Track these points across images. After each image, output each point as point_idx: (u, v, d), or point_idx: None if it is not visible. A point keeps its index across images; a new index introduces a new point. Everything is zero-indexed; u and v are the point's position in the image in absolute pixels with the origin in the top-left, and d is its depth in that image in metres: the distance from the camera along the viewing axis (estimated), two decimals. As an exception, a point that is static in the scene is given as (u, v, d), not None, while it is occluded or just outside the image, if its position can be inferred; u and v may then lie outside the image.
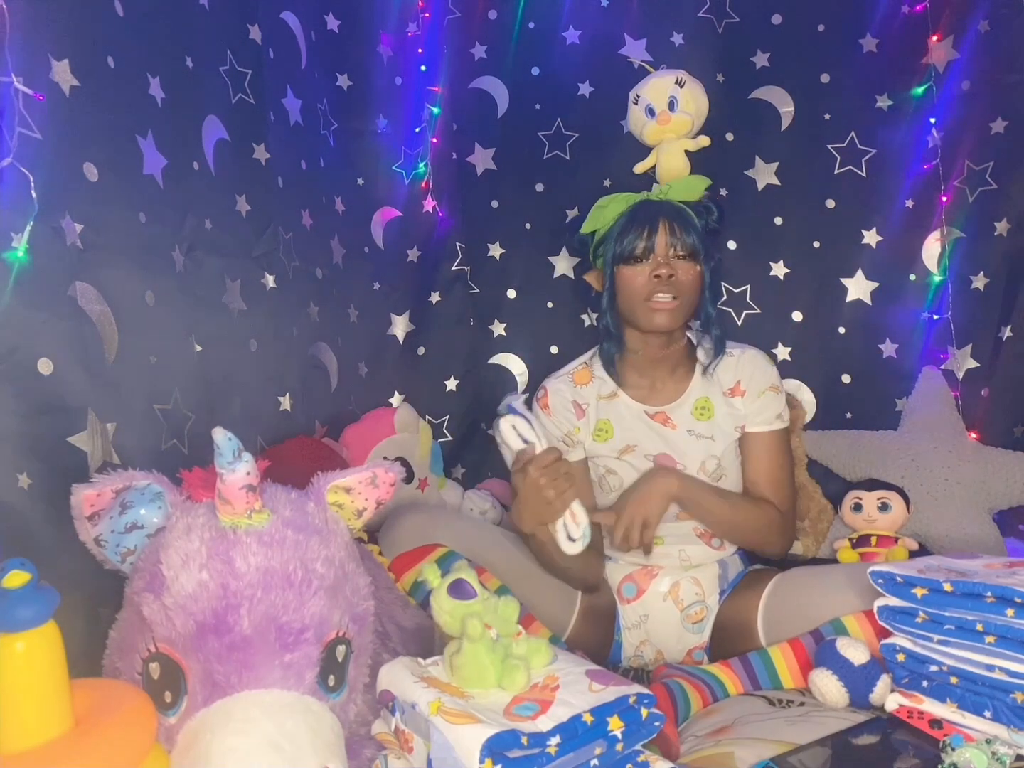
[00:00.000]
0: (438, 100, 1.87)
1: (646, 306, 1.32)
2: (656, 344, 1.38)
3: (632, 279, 1.33)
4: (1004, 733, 0.87)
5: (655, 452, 1.38)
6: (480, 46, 1.86)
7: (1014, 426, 1.66)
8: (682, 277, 1.32)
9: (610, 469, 1.40)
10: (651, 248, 1.31)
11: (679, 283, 1.32)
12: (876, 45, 1.71)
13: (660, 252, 1.32)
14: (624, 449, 1.39)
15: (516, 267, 1.91)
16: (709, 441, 1.37)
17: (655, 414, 1.39)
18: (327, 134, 1.64)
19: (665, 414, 1.39)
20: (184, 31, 1.17)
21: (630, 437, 1.39)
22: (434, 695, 0.81)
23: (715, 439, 1.37)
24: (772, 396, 1.39)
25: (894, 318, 1.76)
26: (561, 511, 1.16)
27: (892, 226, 1.74)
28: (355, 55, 1.72)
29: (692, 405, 1.39)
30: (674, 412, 1.39)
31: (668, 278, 1.31)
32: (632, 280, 1.33)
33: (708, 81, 1.65)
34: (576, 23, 1.82)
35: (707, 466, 1.37)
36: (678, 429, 1.38)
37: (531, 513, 1.17)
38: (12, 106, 0.84)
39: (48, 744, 0.66)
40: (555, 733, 0.77)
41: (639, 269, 1.32)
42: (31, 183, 0.86)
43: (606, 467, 1.40)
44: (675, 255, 1.32)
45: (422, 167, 1.86)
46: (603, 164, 1.81)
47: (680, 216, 1.33)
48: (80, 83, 0.93)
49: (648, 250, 1.31)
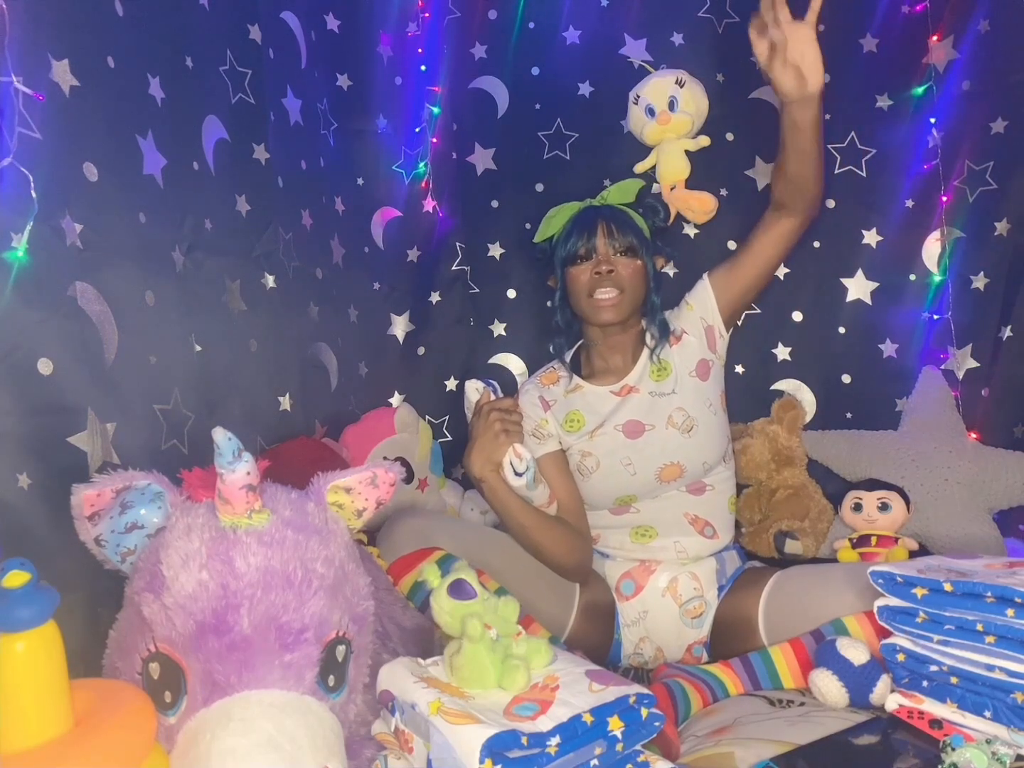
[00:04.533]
0: (438, 100, 1.87)
1: (591, 302, 1.42)
2: (611, 332, 1.47)
3: (577, 277, 1.43)
4: (1004, 733, 0.87)
5: (622, 421, 1.44)
6: (480, 46, 1.86)
7: (1014, 426, 1.66)
8: (623, 271, 1.42)
9: (585, 452, 1.44)
10: (593, 248, 1.42)
11: (620, 277, 1.41)
12: (876, 45, 1.71)
13: (601, 251, 1.41)
14: (594, 430, 1.45)
15: (516, 267, 1.91)
16: (670, 396, 1.44)
17: (620, 389, 1.47)
18: (327, 134, 1.64)
19: (628, 385, 1.47)
20: (184, 31, 1.17)
21: (598, 419, 1.45)
22: (434, 695, 0.81)
23: (675, 391, 1.44)
24: (698, 284, 1.50)
25: (894, 318, 1.76)
26: (506, 445, 1.29)
27: (892, 226, 1.74)
28: (355, 55, 1.72)
29: (648, 370, 1.47)
30: (635, 381, 1.47)
31: (608, 273, 1.40)
32: (577, 278, 1.43)
33: (708, 81, 1.65)
34: (576, 23, 1.82)
35: (675, 419, 1.42)
36: (642, 392, 1.45)
37: (480, 451, 1.29)
38: (12, 106, 0.84)
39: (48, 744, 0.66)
40: (555, 733, 0.77)
41: (583, 268, 1.43)
42: (31, 183, 0.86)
43: (581, 451, 1.45)
44: (615, 252, 1.42)
45: (422, 167, 1.86)
46: (603, 164, 1.81)
47: (617, 217, 1.44)
48: (80, 83, 0.93)
49: (590, 250, 1.42)
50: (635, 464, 1.40)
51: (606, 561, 1.46)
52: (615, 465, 1.41)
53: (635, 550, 1.43)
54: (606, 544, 1.46)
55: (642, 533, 1.43)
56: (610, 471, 1.41)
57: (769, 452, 1.72)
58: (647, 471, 1.40)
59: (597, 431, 1.44)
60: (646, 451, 1.40)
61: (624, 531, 1.44)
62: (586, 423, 1.45)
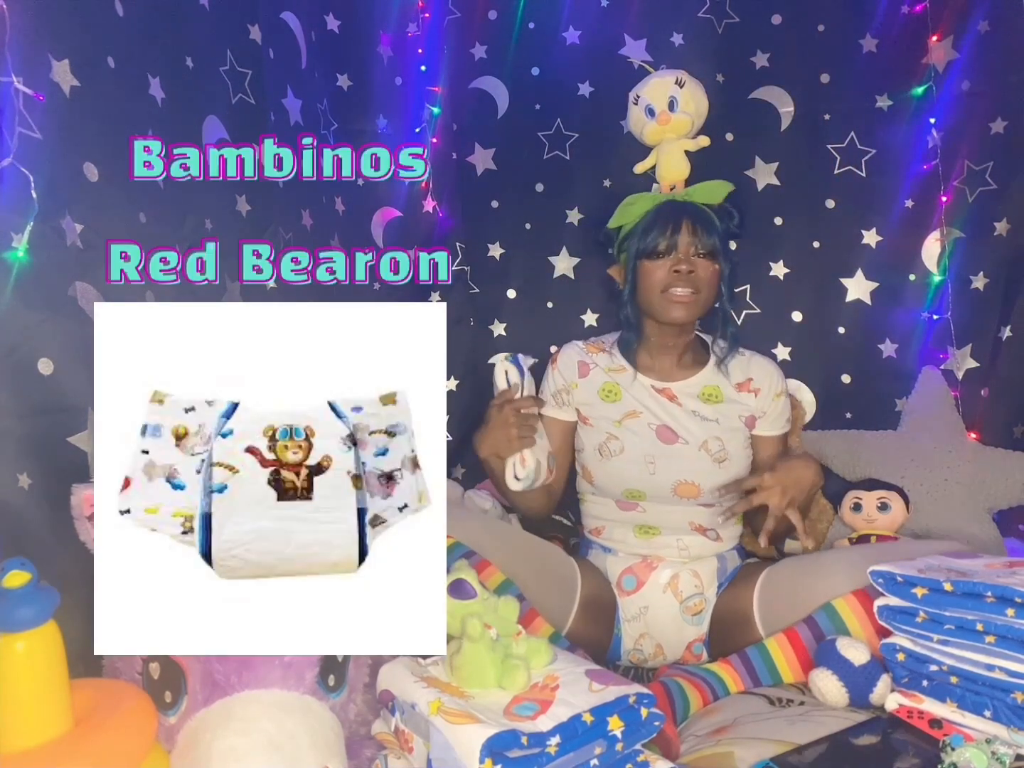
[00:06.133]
0: (438, 100, 1.87)
1: (663, 298, 1.39)
2: (669, 333, 1.44)
3: (653, 272, 1.39)
4: (1004, 733, 0.87)
5: (657, 423, 1.43)
6: (480, 46, 1.86)
7: (1014, 426, 1.66)
8: (701, 274, 1.38)
9: (612, 435, 1.43)
10: (673, 245, 1.38)
11: (698, 279, 1.38)
12: (876, 45, 1.71)
13: (682, 249, 1.38)
14: (629, 413, 1.44)
15: (516, 267, 1.91)
16: (714, 424, 1.42)
17: (662, 389, 1.45)
18: (327, 134, 1.64)
19: (671, 391, 1.45)
20: (184, 31, 1.17)
21: (636, 404, 1.44)
22: (434, 695, 0.81)
23: (720, 423, 1.42)
24: (785, 401, 1.49)
25: (894, 318, 1.76)
26: (516, 450, 1.30)
27: (892, 226, 1.74)
28: (355, 55, 1.72)
29: (700, 390, 1.45)
30: (680, 391, 1.45)
31: (688, 274, 1.37)
32: (652, 274, 1.39)
33: (708, 81, 1.65)
34: (576, 23, 1.82)
35: (710, 446, 1.40)
36: (684, 407, 1.43)
37: (491, 442, 1.31)
38: (12, 106, 0.84)
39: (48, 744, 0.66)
40: (555, 733, 0.77)
41: (660, 264, 1.39)
42: (31, 183, 0.86)
43: (608, 432, 1.44)
44: (695, 253, 1.39)
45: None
46: (603, 164, 1.81)
47: (702, 217, 1.40)
48: (80, 83, 0.93)
49: (671, 247, 1.38)
50: (657, 466, 1.40)
51: (608, 556, 1.45)
52: (638, 458, 1.40)
53: (638, 546, 1.43)
54: (610, 538, 1.46)
55: (646, 530, 1.43)
56: (631, 460, 1.41)
57: (769, 452, 1.72)
58: (665, 479, 1.39)
59: (630, 418, 1.43)
60: (672, 460, 1.40)
61: (628, 527, 1.44)
62: (622, 399, 1.45)
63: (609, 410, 1.45)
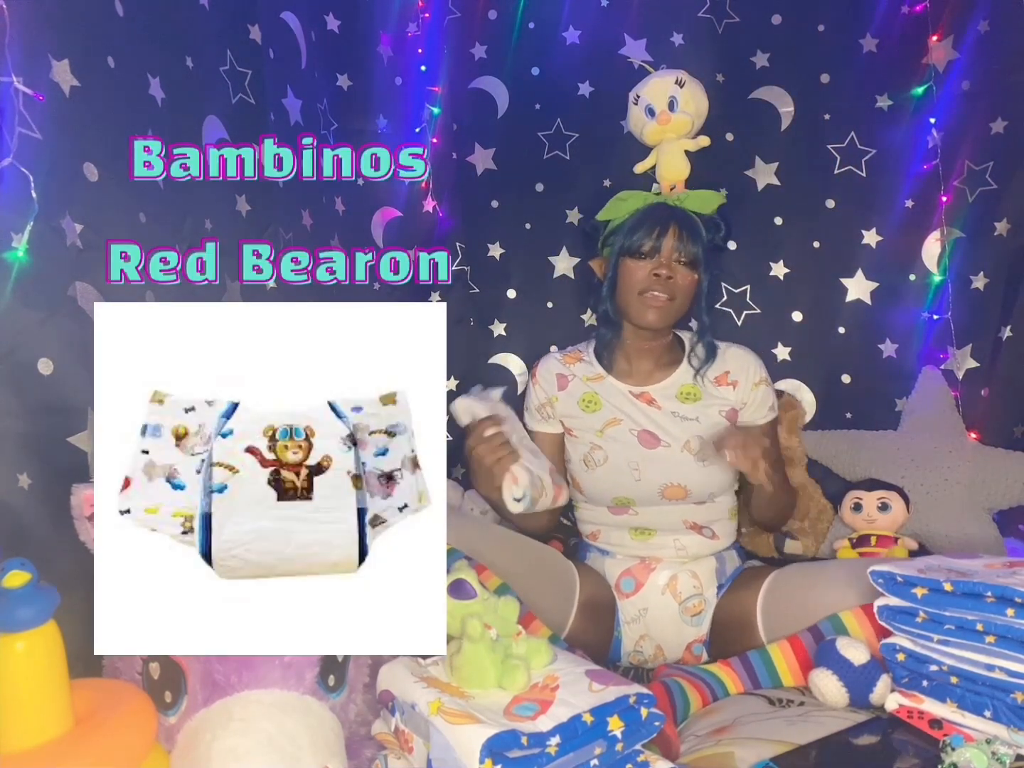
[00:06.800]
0: (438, 100, 1.87)
1: (640, 299, 1.39)
2: (644, 336, 1.44)
3: (634, 272, 1.39)
4: (1004, 733, 0.87)
5: (638, 429, 1.42)
6: (480, 46, 1.86)
7: (1014, 426, 1.66)
8: (680, 281, 1.38)
9: (595, 445, 1.43)
10: (658, 248, 1.37)
11: (676, 286, 1.38)
12: (876, 45, 1.71)
13: (664, 253, 1.37)
14: (610, 421, 1.44)
15: (516, 267, 1.92)
16: (694, 422, 1.41)
17: (640, 394, 1.45)
18: (327, 134, 1.64)
19: (649, 395, 1.45)
20: (184, 31, 1.17)
21: (616, 412, 1.44)
22: (434, 695, 0.81)
23: (700, 421, 1.41)
24: (765, 389, 1.46)
25: (894, 318, 1.77)
26: (500, 476, 1.22)
27: (892, 226, 1.74)
28: (355, 55, 1.72)
29: (677, 390, 1.44)
30: (658, 394, 1.44)
31: (666, 279, 1.37)
32: (633, 273, 1.39)
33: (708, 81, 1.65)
34: (576, 23, 1.82)
35: (691, 445, 1.40)
36: (663, 409, 1.43)
37: (480, 481, 1.29)
38: (12, 106, 0.84)
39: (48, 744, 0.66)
40: (555, 733, 0.77)
41: (642, 264, 1.38)
42: (31, 183, 0.86)
43: (591, 443, 1.44)
44: (677, 259, 1.38)
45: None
46: (603, 164, 1.81)
47: (689, 224, 1.39)
48: (80, 83, 0.93)
49: (655, 249, 1.37)
50: (642, 472, 1.39)
51: (606, 558, 1.45)
52: (622, 466, 1.40)
53: (635, 547, 1.43)
54: (607, 541, 1.46)
55: (641, 532, 1.43)
56: (615, 470, 1.41)
57: (769, 452, 1.72)
58: (651, 484, 1.39)
59: (611, 426, 1.43)
60: (656, 465, 1.39)
61: (623, 530, 1.44)
62: (602, 408, 1.44)
63: (591, 420, 1.45)
